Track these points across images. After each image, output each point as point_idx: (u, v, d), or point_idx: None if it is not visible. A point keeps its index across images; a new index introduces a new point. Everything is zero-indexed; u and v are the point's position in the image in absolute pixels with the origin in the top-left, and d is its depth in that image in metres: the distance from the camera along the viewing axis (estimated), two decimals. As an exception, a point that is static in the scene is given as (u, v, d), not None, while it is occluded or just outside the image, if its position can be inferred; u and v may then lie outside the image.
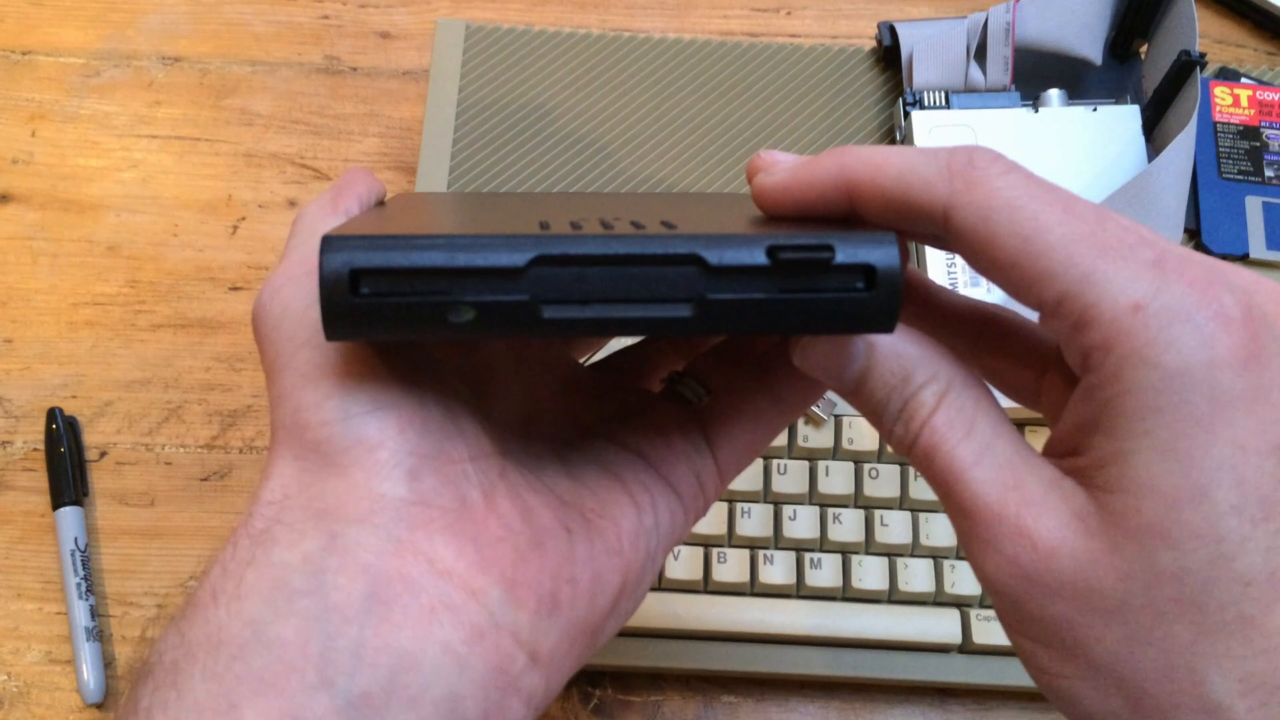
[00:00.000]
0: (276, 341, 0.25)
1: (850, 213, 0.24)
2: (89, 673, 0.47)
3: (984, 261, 0.22)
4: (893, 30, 0.58)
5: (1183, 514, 0.20)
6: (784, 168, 0.25)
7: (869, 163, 0.23)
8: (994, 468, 0.23)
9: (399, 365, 0.25)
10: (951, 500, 0.23)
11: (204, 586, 0.24)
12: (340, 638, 0.22)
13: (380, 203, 0.30)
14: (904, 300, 0.27)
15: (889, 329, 0.22)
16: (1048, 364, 0.26)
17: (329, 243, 0.21)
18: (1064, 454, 0.23)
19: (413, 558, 0.23)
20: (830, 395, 0.49)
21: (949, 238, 0.23)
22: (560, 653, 0.25)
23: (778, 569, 0.47)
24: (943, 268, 0.50)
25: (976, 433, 0.23)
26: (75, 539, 0.49)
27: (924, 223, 0.23)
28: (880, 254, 0.22)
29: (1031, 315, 0.23)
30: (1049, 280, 0.21)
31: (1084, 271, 0.21)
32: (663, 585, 0.47)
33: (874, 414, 0.25)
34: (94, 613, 0.48)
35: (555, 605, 0.25)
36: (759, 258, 0.21)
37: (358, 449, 0.24)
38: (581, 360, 0.34)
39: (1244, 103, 0.55)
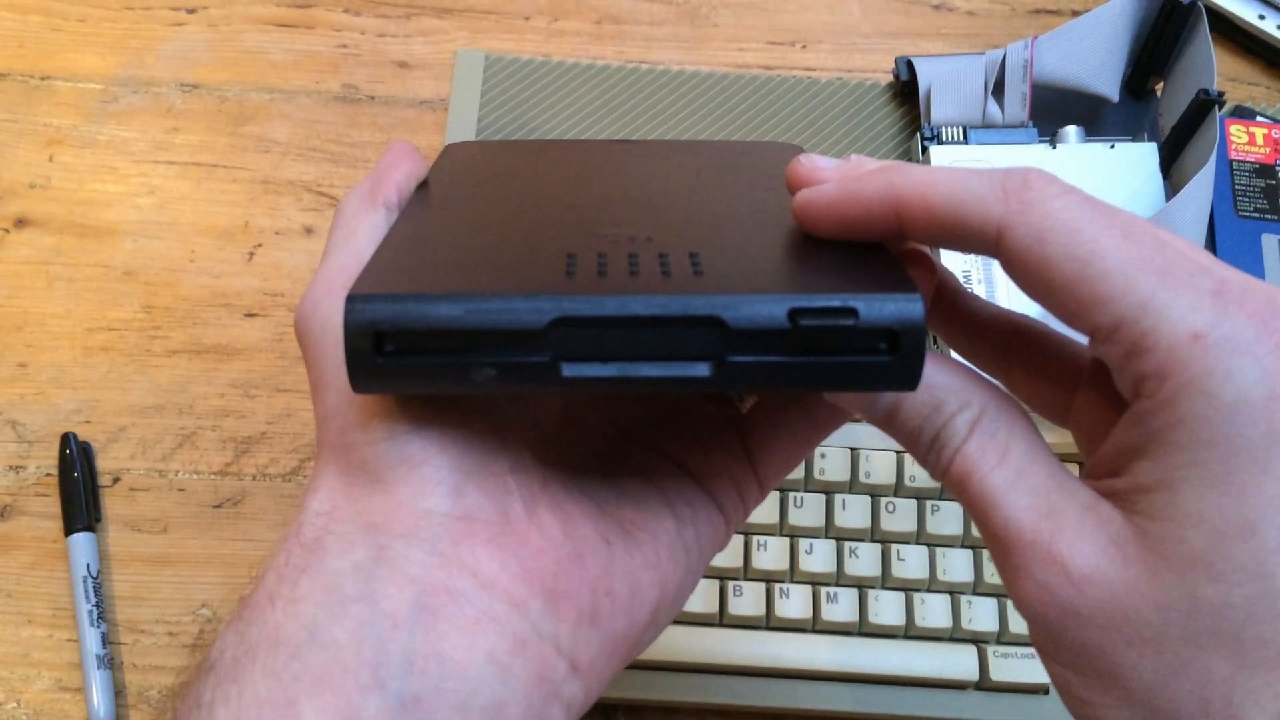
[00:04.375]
0: (319, 359, 0.26)
1: (896, 232, 0.24)
2: (99, 700, 0.46)
3: (1038, 285, 0.22)
4: (910, 65, 0.59)
5: (1230, 548, 0.20)
6: (829, 184, 0.24)
7: (919, 181, 0.23)
8: (1028, 494, 0.23)
9: None
10: (985, 527, 0.23)
11: (260, 590, 0.24)
12: (391, 642, 0.22)
13: (423, 183, 0.30)
14: (930, 315, 0.27)
15: (912, 388, 0.22)
16: (1078, 379, 0.26)
17: (353, 301, 0.22)
18: (1105, 475, 0.23)
19: (457, 570, 0.23)
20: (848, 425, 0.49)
21: (1001, 259, 0.23)
22: (600, 662, 0.25)
23: (794, 603, 0.47)
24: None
25: (1010, 459, 0.23)
26: (87, 565, 0.49)
27: (974, 244, 0.23)
28: (904, 316, 0.21)
29: (1080, 337, 0.23)
30: (1105, 305, 0.21)
31: (1142, 298, 0.21)
32: (678, 618, 0.47)
33: (908, 443, 0.25)
34: (105, 640, 0.48)
35: (595, 617, 0.25)
36: (780, 321, 0.21)
37: (402, 467, 0.24)
38: None
39: (1259, 141, 0.56)
